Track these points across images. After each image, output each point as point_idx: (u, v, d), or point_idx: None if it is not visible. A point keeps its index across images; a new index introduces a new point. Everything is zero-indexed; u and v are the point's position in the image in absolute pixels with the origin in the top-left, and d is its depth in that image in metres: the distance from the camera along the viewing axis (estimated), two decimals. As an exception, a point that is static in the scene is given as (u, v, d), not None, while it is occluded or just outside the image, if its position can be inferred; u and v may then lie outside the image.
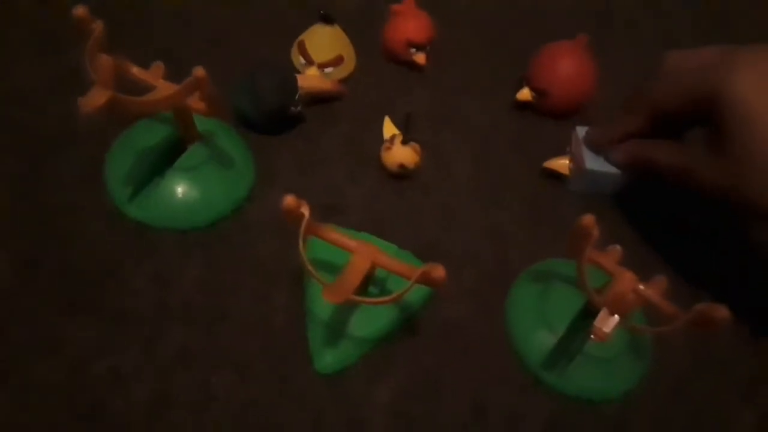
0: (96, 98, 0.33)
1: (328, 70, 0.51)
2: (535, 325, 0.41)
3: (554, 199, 0.49)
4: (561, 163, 0.49)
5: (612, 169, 0.47)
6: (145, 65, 0.39)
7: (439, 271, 0.30)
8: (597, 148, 0.47)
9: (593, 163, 0.47)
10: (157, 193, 0.42)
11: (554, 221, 0.48)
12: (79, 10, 0.35)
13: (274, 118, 0.47)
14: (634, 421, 0.39)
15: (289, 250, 0.43)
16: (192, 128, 0.42)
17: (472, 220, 0.47)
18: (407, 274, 0.34)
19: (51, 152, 0.46)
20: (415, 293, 0.40)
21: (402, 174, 0.47)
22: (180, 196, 0.42)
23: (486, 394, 0.39)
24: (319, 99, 0.50)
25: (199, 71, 0.34)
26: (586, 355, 0.39)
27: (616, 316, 0.32)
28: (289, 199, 0.32)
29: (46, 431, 0.35)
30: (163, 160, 0.43)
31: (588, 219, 0.33)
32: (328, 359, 0.39)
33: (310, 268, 0.32)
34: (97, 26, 0.35)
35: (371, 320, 0.39)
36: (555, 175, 0.49)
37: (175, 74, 0.39)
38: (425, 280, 0.31)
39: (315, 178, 0.48)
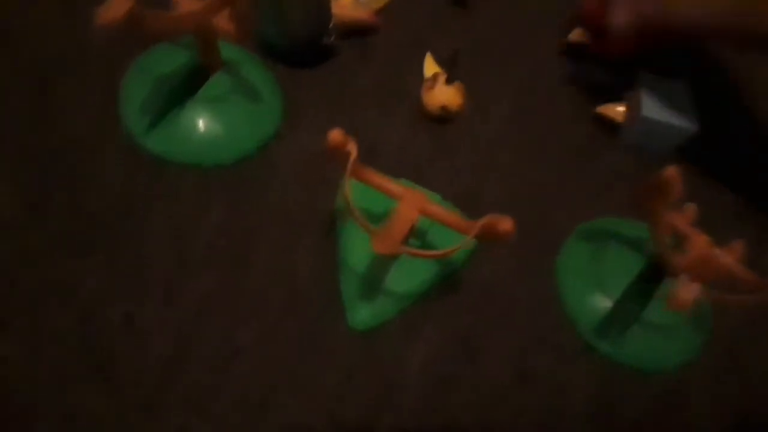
0: (115, 9, 0.28)
1: None
2: (589, 287, 0.38)
3: (607, 150, 0.45)
4: (616, 110, 0.45)
5: (673, 119, 0.42)
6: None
7: (506, 224, 0.26)
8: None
9: (652, 111, 0.43)
10: (178, 126, 0.38)
11: (603, 175, 0.44)
12: None
13: (304, 48, 0.43)
14: (687, 393, 0.36)
15: (317, 196, 0.40)
16: (216, 54, 0.37)
17: (515, 171, 0.43)
18: (461, 227, 0.30)
19: (59, 75, 0.41)
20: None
21: (443, 116, 0.43)
22: (202, 129, 0.38)
23: (531, 359, 0.36)
24: (353, 30, 0.46)
25: (232, -17, 0.29)
26: (643, 323, 0.36)
27: (696, 284, 0.29)
28: (336, 134, 0.28)
29: (55, 382, 0.32)
30: (184, 89, 0.39)
31: (672, 171, 0.29)
32: (363, 314, 0.35)
33: (357, 213, 0.28)
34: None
35: (411, 275, 0.36)
36: (607, 124, 0.45)
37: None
38: (488, 233, 0.28)
39: (347, 118, 0.43)
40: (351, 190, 0.29)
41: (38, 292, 0.34)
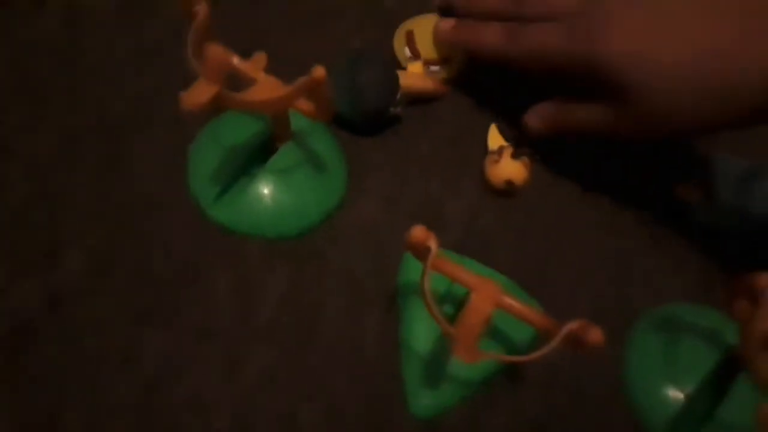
0: (201, 94, 0.29)
1: (434, 68, 0.46)
2: (661, 379, 0.36)
3: (680, 230, 0.43)
4: (689, 190, 0.43)
5: (749, 203, 0.41)
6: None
7: (595, 335, 0.25)
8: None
9: (728, 194, 0.41)
10: (245, 196, 0.38)
11: (678, 256, 0.42)
12: (184, -12, 0.30)
13: (372, 118, 0.42)
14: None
15: (380, 267, 0.39)
16: (288, 127, 0.37)
17: (584, 246, 0.42)
18: (541, 326, 0.29)
19: (129, 135, 0.42)
20: (523, 331, 0.36)
21: (507, 190, 0.42)
22: (269, 201, 0.38)
23: (598, 454, 0.35)
24: (418, 99, 0.45)
25: (318, 71, 0.29)
26: (718, 422, 0.34)
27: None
28: (418, 230, 0.27)
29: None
30: (252, 158, 0.39)
31: (766, 278, 0.28)
32: (426, 401, 0.34)
33: (438, 315, 0.28)
34: (202, 8, 0.31)
35: (476, 360, 0.35)
36: (681, 203, 0.44)
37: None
38: (571, 341, 0.27)
39: (410, 187, 0.43)
40: (429, 285, 0.28)
41: (100, 361, 0.34)
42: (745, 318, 0.30)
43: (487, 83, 0.48)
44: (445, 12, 0.47)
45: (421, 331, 0.35)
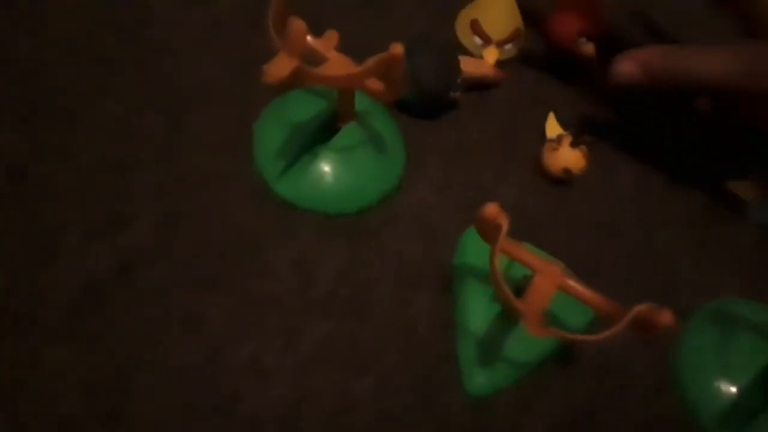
0: (282, 68, 0.29)
1: (508, 47, 0.47)
2: (713, 373, 0.36)
3: (732, 227, 0.43)
4: (745, 187, 0.43)
5: None
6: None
7: (666, 317, 0.26)
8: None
9: None
10: (309, 173, 0.39)
11: (730, 253, 0.42)
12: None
13: (431, 102, 0.43)
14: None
15: (435, 249, 0.40)
16: (352, 107, 0.38)
17: (637, 240, 0.42)
18: (604, 309, 0.30)
19: (193, 111, 0.43)
20: (578, 315, 0.36)
21: (564, 179, 0.43)
22: (331, 179, 0.39)
23: (648, 442, 0.35)
24: (476, 84, 0.46)
25: (397, 49, 0.29)
26: (771, 417, 0.34)
27: None
28: (491, 208, 0.28)
29: (180, 417, 0.33)
30: (315, 137, 0.40)
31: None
32: (480, 380, 0.35)
33: (508, 293, 0.28)
34: (282, -17, 0.31)
35: (530, 343, 0.35)
36: (735, 200, 0.44)
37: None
38: (641, 323, 0.27)
39: (465, 172, 0.44)
40: (499, 263, 0.29)
41: (165, 324, 0.36)
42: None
43: (541, 68, 0.48)
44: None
45: (477, 311, 0.36)
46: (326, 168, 0.39)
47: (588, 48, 0.48)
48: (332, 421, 0.34)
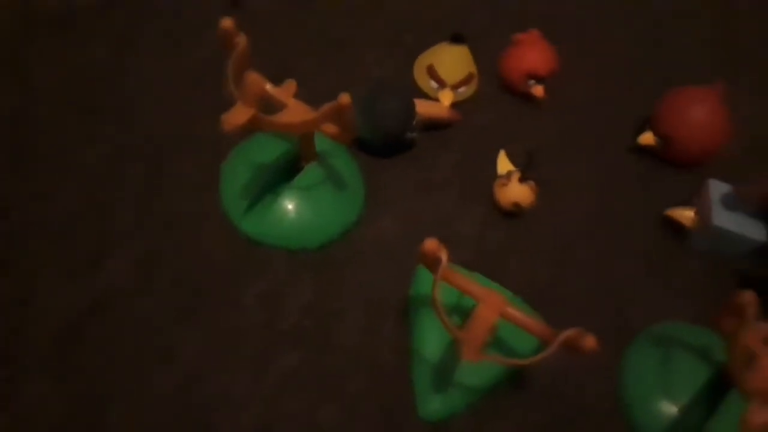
0: (239, 116, 0.32)
1: (462, 89, 0.50)
2: (655, 392, 0.38)
3: (676, 253, 0.46)
4: (685, 215, 0.46)
5: (743, 229, 0.44)
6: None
7: (590, 342, 0.28)
8: (748, 203, 0.44)
9: (723, 220, 0.44)
10: (272, 211, 0.41)
11: (674, 278, 0.45)
12: (226, 22, 0.34)
13: (390, 142, 0.46)
14: None
15: (395, 280, 0.42)
16: (312, 148, 0.41)
17: (587, 267, 0.45)
18: (541, 334, 0.32)
19: (171, 153, 0.46)
20: (528, 343, 0.38)
21: (515, 212, 0.46)
22: (294, 215, 0.41)
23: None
24: (433, 125, 0.49)
25: (344, 98, 0.33)
26: (709, 434, 0.36)
27: (770, 407, 0.30)
28: (430, 243, 0.30)
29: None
30: (279, 177, 0.42)
31: (747, 296, 0.31)
32: (434, 406, 0.37)
33: (446, 321, 0.31)
34: (241, 40, 0.35)
35: (482, 369, 0.37)
36: (677, 227, 0.46)
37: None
38: (568, 346, 0.29)
39: (424, 207, 0.46)
40: (439, 293, 0.31)
41: (140, 358, 0.38)
42: (730, 333, 0.33)
43: (494, 108, 0.52)
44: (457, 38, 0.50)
45: (431, 339, 0.38)
46: (289, 205, 0.42)
47: (537, 89, 0.51)
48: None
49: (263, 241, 0.41)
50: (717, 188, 0.45)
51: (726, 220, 0.44)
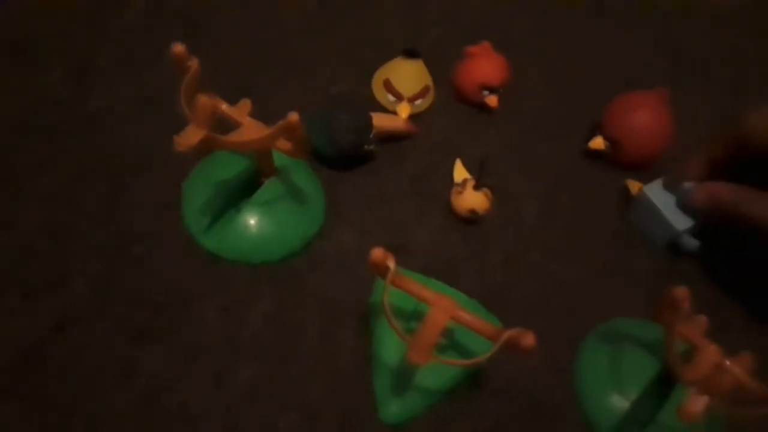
0: (191, 137, 0.33)
1: (418, 102, 0.52)
2: (607, 388, 0.40)
3: (625, 252, 0.48)
4: (635, 184, 0.49)
5: (667, 211, 0.46)
6: (216, 93, 0.39)
7: (528, 340, 0.30)
8: (675, 185, 0.46)
9: (654, 192, 0.46)
10: (233, 227, 0.42)
11: (625, 275, 0.47)
12: (178, 47, 0.35)
13: (347, 155, 0.47)
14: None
15: (355, 290, 0.43)
16: (271, 164, 0.42)
17: (540, 269, 0.46)
18: (489, 335, 0.33)
19: (130, 174, 0.47)
20: (484, 345, 0.39)
21: (472, 219, 0.47)
22: (255, 230, 0.43)
23: (552, 457, 0.38)
24: (390, 137, 0.50)
25: (293, 116, 0.34)
26: (658, 425, 0.38)
27: (705, 396, 0.31)
28: (377, 252, 0.32)
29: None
30: (239, 193, 0.43)
31: (681, 292, 0.32)
32: (393, 409, 0.38)
33: (395, 323, 0.32)
34: (194, 63, 0.36)
35: (439, 372, 0.39)
36: (626, 195, 0.49)
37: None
38: (511, 345, 0.31)
39: (382, 216, 0.48)
40: (389, 299, 0.32)
41: (101, 376, 0.38)
42: (668, 327, 0.34)
43: (449, 120, 0.54)
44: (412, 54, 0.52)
45: (390, 345, 0.39)
46: (250, 221, 0.43)
47: (491, 99, 0.53)
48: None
49: (225, 256, 0.42)
50: (670, 181, 0.47)
51: (657, 193, 0.46)
